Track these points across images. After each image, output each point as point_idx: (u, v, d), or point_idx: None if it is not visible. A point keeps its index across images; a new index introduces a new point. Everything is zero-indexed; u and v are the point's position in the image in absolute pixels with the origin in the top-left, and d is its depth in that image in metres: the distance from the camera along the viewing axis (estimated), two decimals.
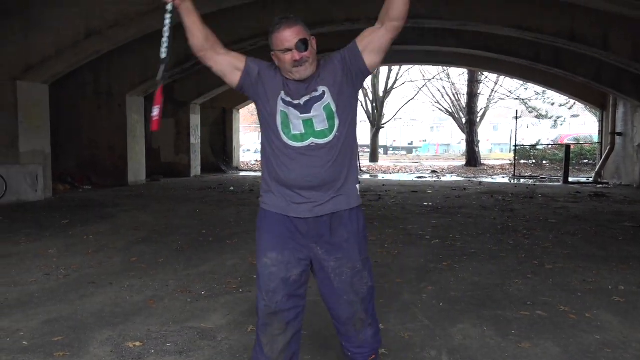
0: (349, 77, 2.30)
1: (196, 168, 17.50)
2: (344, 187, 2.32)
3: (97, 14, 9.56)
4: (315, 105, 2.25)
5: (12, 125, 9.97)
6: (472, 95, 24.91)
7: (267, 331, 2.33)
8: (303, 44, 2.21)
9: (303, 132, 2.26)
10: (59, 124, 12.88)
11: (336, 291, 2.35)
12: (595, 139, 20.84)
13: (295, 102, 2.26)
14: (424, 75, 28.57)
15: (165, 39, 2.34)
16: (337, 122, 2.27)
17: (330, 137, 2.26)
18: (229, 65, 2.33)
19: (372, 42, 2.28)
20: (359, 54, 2.29)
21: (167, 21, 2.32)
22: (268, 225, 2.34)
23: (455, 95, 27.67)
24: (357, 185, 2.38)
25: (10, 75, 9.88)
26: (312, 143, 2.26)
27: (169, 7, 2.28)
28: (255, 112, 2.51)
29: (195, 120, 17.46)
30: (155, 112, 2.32)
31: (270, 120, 2.30)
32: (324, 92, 2.26)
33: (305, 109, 2.25)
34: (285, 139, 2.27)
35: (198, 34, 2.28)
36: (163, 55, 2.35)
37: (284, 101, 2.27)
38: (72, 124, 13.36)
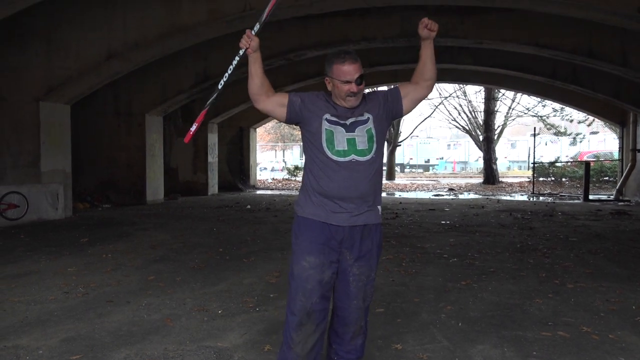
0: (387, 113, 2.73)
1: (213, 186, 17.62)
2: (374, 204, 2.68)
3: (118, 36, 9.79)
4: (359, 127, 2.63)
5: (34, 145, 10.18)
6: (489, 112, 24.77)
7: (301, 331, 2.60)
8: (361, 80, 2.60)
9: (346, 148, 2.60)
10: (79, 142, 13.09)
11: (350, 294, 2.66)
12: (616, 155, 20.54)
13: (342, 122, 2.63)
14: (440, 93, 28.53)
15: (227, 74, 2.76)
16: (375, 145, 2.65)
17: (369, 157, 2.62)
18: (276, 104, 2.70)
19: (412, 92, 2.75)
20: (400, 99, 2.74)
21: (235, 61, 2.72)
22: (307, 232, 2.63)
23: (472, 113, 27.52)
24: (379, 206, 2.73)
25: (33, 96, 10.12)
26: (353, 159, 2.60)
27: (242, 51, 2.65)
28: (272, 132, 2.89)
29: (213, 139, 17.63)
30: (194, 127, 2.84)
31: (314, 138, 2.65)
32: (369, 118, 2.66)
33: (350, 129, 2.62)
34: (329, 153, 2.61)
35: (257, 81, 2.65)
36: (220, 86, 2.76)
37: (329, 121, 2.63)
38: (91, 143, 13.58)
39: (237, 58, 2.69)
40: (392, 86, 2.83)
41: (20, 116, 10.12)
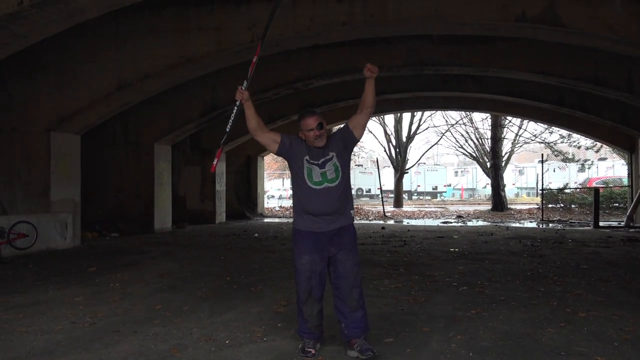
0: (346, 146, 3.90)
1: (221, 215, 17.62)
2: (345, 212, 3.87)
3: (128, 67, 9.97)
4: (328, 163, 3.80)
5: (44, 175, 10.27)
6: (496, 139, 24.78)
7: (307, 303, 3.82)
8: (320, 126, 3.77)
9: (320, 179, 3.78)
10: (88, 171, 13.18)
11: (342, 274, 3.81)
12: (625, 182, 20.41)
13: (315, 162, 3.79)
14: (447, 121, 28.61)
15: (230, 120, 3.93)
16: (340, 173, 3.82)
17: (337, 182, 3.79)
18: (270, 140, 3.91)
19: (357, 123, 3.91)
20: (350, 132, 3.90)
21: (235, 110, 3.86)
22: (301, 239, 3.83)
23: (479, 140, 27.53)
24: (352, 211, 3.92)
25: (44, 126, 10.27)
26: (326, 186, 3.78)
27: (238, 102, 3.82)
28: (279, 159, 3.54)
29: (221, 167, 17.69)
30: (215, 161, 4.13)
31: (300, 172, 3.81)
32: (332, 155, 3.81)
33: (322, 166, 3.79)
34: (309, 184, 3.78)
35: (254, 122, 3.86)
36: (227, 129, 4.00)
37: (308, 161, 3.80)
38: (100, 171, 13.67)
39: (235, 107, 3.82)
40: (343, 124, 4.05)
41: (31, 146, 10.25)
